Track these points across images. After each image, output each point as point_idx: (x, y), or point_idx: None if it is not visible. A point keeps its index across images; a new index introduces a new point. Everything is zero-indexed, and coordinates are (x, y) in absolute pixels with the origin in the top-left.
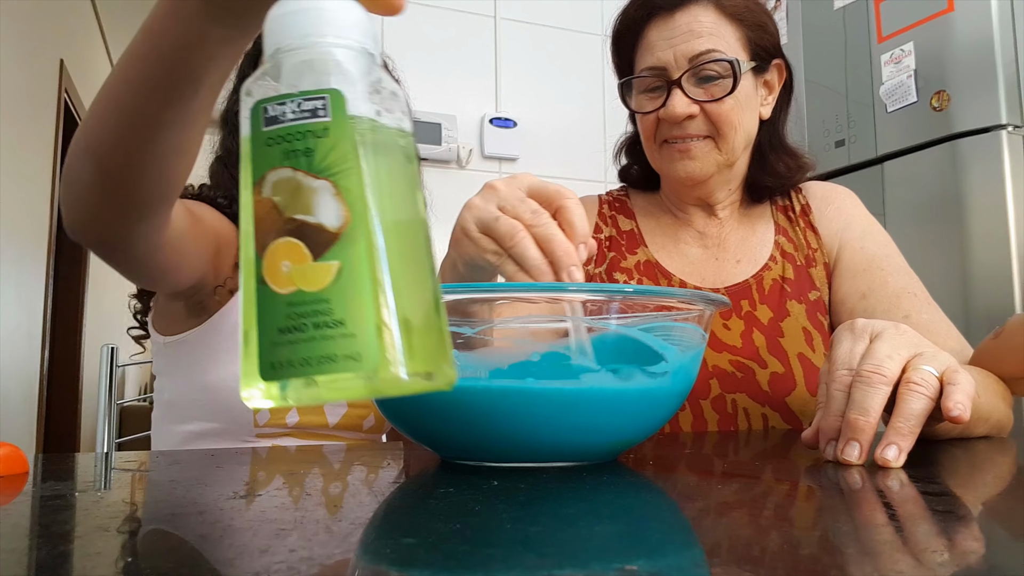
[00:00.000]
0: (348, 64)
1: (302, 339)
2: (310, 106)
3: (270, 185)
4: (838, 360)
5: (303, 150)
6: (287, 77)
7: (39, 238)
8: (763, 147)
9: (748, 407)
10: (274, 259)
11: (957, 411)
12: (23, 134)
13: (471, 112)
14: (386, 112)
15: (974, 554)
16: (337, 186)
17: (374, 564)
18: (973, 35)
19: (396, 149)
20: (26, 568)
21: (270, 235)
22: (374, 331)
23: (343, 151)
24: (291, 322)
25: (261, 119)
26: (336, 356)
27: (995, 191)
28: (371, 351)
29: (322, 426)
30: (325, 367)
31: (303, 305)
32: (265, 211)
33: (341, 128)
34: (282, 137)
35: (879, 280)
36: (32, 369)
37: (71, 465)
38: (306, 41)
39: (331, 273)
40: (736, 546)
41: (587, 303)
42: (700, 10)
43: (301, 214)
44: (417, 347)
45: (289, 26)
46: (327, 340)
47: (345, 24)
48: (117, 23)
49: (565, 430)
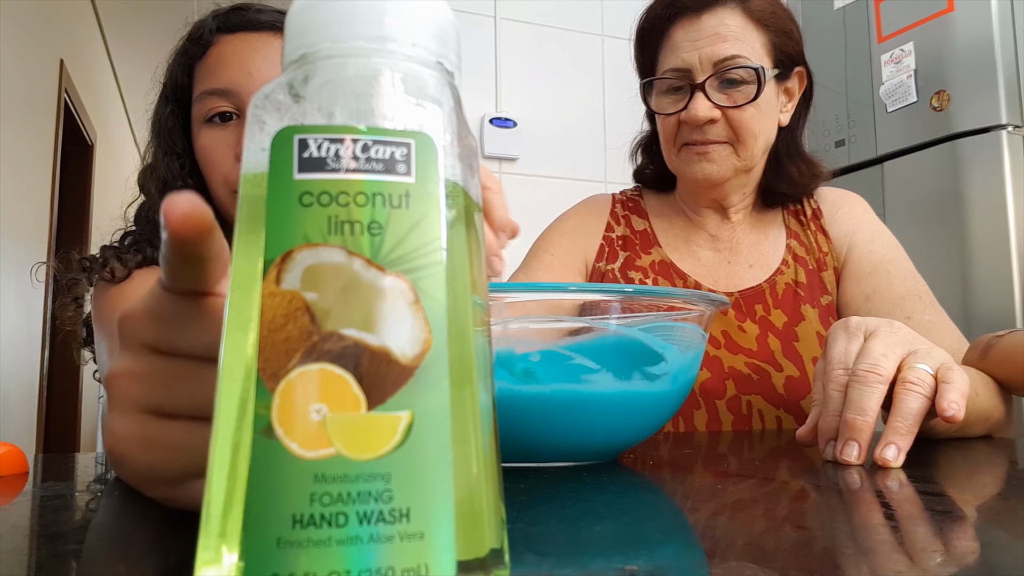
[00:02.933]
0: (440, 93)
1: (336, 538)
2: (384, 153)
3: (301, 271)
4: (834, 359)
5: (368, 224)
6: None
7: (39, 238)
8: (780, 153)
9: (763, 409)
10: (297, 399)
11: (951, 411)
12: (23, 134)
13: (471, 112)
14: (472, 175)
15: (972, 554)
16: (417, 291)
17: None
18: (973, 35)
19: (479, 233)
20: (26, 568)
21: (293, 357)
22: (449, 522)
23: (430, 234)
24: (321, 508)
25: (294, 159)
26: (394, 570)
27: (995, 191)
28: (444, 548)
29: None
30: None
31: (345, 482)
32: (287, 314)
33: (429, 196)
34: (331, 195)
35: (884, 283)
36: (32, 369)
37: (71, 465)
38: (371, 46)
39: (398, 432)
40: (736, 546)
41: (588, 303)
42: (727, 13)
43: (356, 329)
44: (490, 533)
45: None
46: (381, 544)
47: (432, 27)
48: (117, 23)
49: (565, 430)
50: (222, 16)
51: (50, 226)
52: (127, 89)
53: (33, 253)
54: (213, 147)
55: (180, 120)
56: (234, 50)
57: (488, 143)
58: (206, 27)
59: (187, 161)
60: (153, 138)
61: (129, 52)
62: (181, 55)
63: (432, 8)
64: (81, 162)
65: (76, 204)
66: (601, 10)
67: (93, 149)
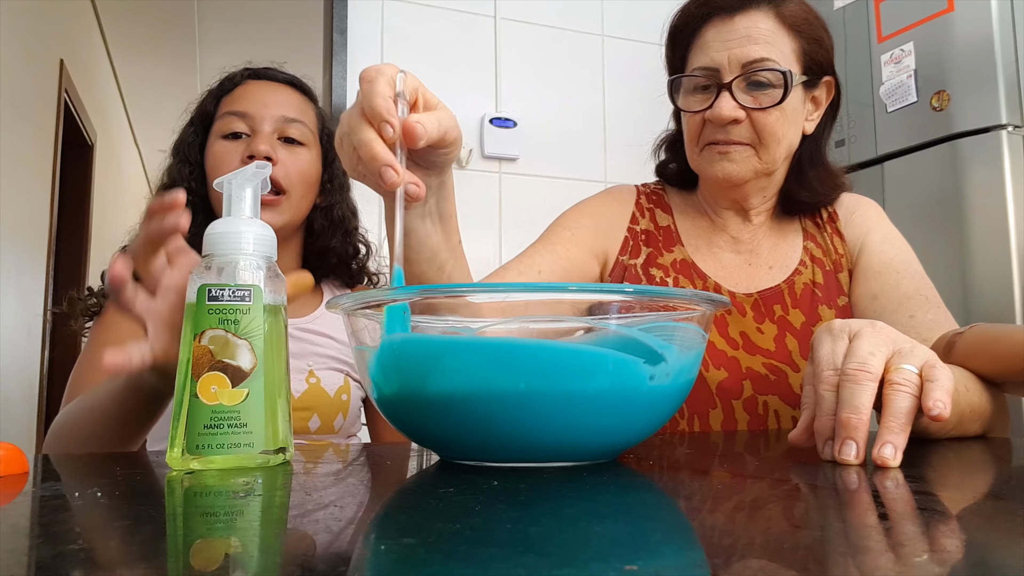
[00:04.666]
0: (260, 267)
1: (219, 432)
2: (241, 293)
3: (208, 338)
4: (822, 361)
5: (232, 320)
6: (222, 272)
7: (39, 238)
8: (803, 161)
9: (779, 409)
10: (205, 383)
11: (937, 410)
12: (23, 134)
13: (471, 112)
14: (277, 295)
15: (973, 555)
16: (252, 344)
17: (374, 564)
18: (973, 35)
19: (280, 317)
20: (26, 568)
21: (204, 368)
22: (263, 430)
23: (257, 323)
24: (213, 422)
25: (206, 295)
26: (239, 444)
27: (995, 191)
28: (259, 440)
29: None
30: (231, 450)
31: (223, 414)
32: (201, 353)
33: (257, 310)
34: (219, 310)
35: (892, 282)
36: (32, 369)
37: (71, 465)
38: (235, 251)
39: (242, 396)
40: (736, 546)
41: (588, 303)
42: (760, 16)
43: (227, 359)
44: (281, 438)
45: (223, 241)
46: (235, 434)
47: (261, 244)
48: (117, 23)
49: (565, 430)
50: (252, 69)
51: (50, 226)
52: (127, 89)
53: (33, 253)
54: (224, 154)
55: (199, 139)
56: (258, 89)
57: (488, 143)
58: (238, 74)
59: (196, 169)
60: (172, 155)
61: (129, 52)
62: (212, 93)
63: (262, 232)
64: (81, 162)
65: (76, 204)
66: (601, 10)
67: (93, 149)
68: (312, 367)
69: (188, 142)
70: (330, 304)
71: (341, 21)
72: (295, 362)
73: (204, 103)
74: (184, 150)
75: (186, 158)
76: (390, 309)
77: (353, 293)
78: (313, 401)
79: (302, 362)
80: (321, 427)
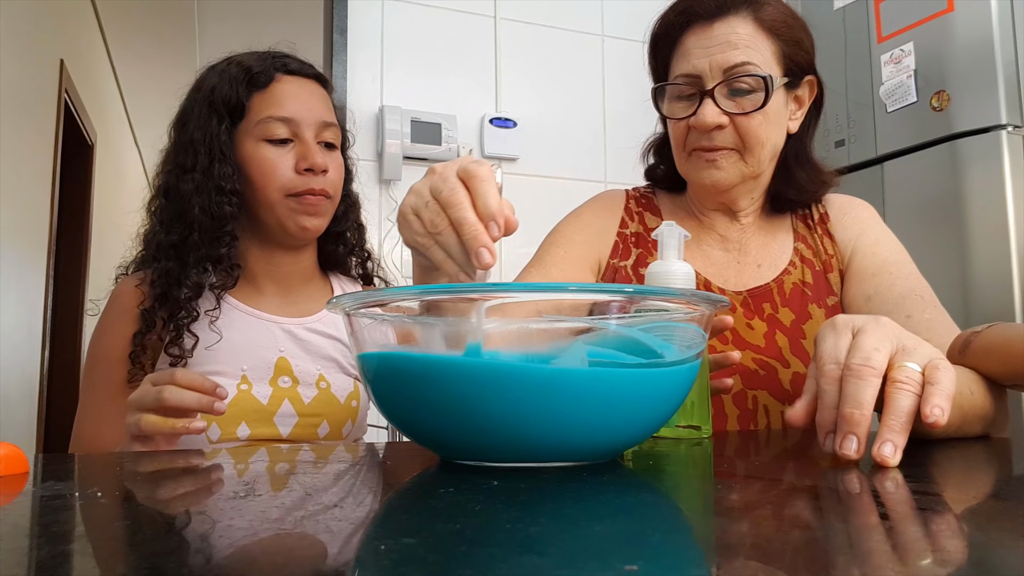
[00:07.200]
0: None
1: None
2: None
3: None
4: (825, 355)
5: None
6: None
7: (39, 238)
8: (788, 160)
9: (768, 404)
10: None
11: (934, 417)
12: (23, 134)
13: (471, 112)
14: None
15: (972, 555)
16: None
17: (374, 564)
18: (973, 35)
19: None
20: (26, 568)
21: None
22: None
23: None
24: None
25: None
26: None
27: (995, 191)
28: None
29: (275, 437)
30: None
31: None
32: None
33: None
34: None
35: (887, 283)
36: (32, 369)
37: (71, 465)
38: None
39: None
40: (736, 546)
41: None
42: (739, 22)
43: None
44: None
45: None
46: None
47: None
48: (117, 23)
49: (565, 430)
50: (280, 60)
51: (50, 226)
52: (127, 89)
53: (33, 253)
54: (275, 162)
55: (231, 135)
56: (296, 89)
57: (488, 143)
58: (267, 64)
59: (235, 170)
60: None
61: (129, 52)
62: (239, 81)
63: None
64: (81, 162)
65: (76, 204)
66: (601, 10)
67: (93, 149)
68: (321, 371)
69: (222, 139)
70: (330, 304)
71: (341, 21)
72: (304, 366)
73: (227, 94)
74: (219, 147)
75: (224, 158)
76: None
77: (353, 293)
78: (323, 408)
79: (312, 366)
80: (330, 434)
